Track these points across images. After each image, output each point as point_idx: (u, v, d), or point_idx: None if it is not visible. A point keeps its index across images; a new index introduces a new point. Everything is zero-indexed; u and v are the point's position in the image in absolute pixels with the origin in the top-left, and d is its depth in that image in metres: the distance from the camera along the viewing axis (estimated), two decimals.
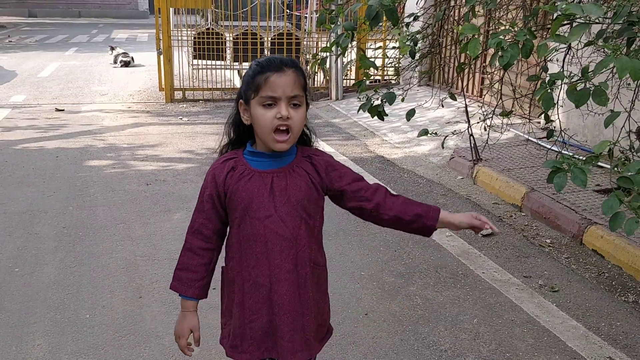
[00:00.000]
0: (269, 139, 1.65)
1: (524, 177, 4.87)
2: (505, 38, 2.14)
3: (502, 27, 2.21)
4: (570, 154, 4.87)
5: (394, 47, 3.56)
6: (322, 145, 6.07)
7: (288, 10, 10.15)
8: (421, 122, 7.14)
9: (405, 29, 2.98)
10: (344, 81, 9.34)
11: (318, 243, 1.81)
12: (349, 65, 9.65)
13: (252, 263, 1.72)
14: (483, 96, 7.66)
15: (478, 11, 2.73)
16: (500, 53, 2.11)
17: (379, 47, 9.04)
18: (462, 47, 2.24)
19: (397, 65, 5.80)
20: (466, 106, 5.34)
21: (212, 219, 1.77)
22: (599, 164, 5.10)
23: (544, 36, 2.60)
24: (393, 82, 9.44)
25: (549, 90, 2.15)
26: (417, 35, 2.83)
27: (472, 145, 5.30)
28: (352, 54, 8.48)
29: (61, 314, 3.07)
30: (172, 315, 3.06)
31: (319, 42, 9.52)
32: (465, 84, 7.68)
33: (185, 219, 4.27)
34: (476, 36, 2.18)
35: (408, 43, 2.58)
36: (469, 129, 5.20)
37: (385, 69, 9.18)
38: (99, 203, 4.60)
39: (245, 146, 1.76)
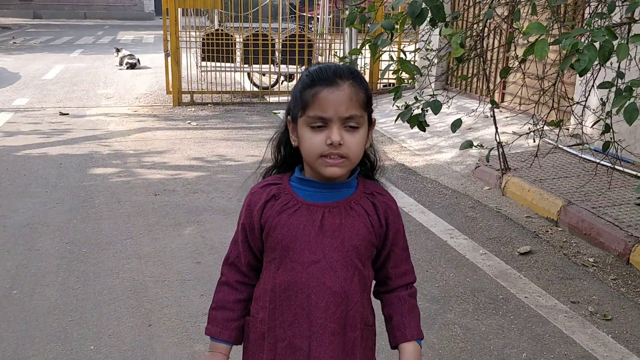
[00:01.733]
0: (317, 163, 1.32)
1: (559, 189, 4.54)
2: (581, 39, 1.82)
3: (575, 27, 1.92)
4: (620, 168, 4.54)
5: (428, 49, 3.24)
6: None
7: (299, 12, 9.86)
8: (440, 128, 6.83)
9: (445, 29, 2.67)
10: None
11: (369, 298, 1.48)
12: (363, 69, 9.35)
13: (290, 319, 1.38)
14: (504, 101, 7.34)
15: (543, 5, 2.41)
16: (575, 56, 1.79)
17: (415, 50, 8.72)
18: (527, 49, 1.93)
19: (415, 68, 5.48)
20: (494, 113, 5.02)
21: (245, 252, 1.46)
22: (638, 174, 4.78)
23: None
24: (407, 86, 9.12)
25: (632, 100, 1.83)
26: (465, 35, 2.52)
27: (500, 153, 4.98)
28: (365, 57, 8.18)
29: (63, 344, 2.76)
30: (185, 346, 2.75)
31: (332, 44, 9.21)
32: (486, 88, 7.35)
33: (196, 233, 3.98)
34: (544, 36, 1.87)
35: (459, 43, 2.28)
36: (497, 136, 4.88)
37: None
38: (104, 215, 4.29)
39: (293, 171, 1.44)
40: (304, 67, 8.41)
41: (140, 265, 3.54)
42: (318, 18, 10.16)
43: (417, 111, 2.61)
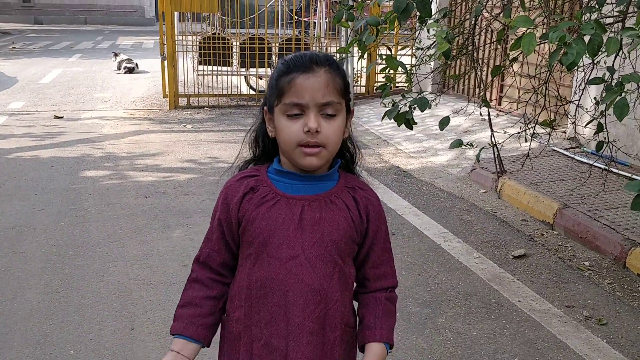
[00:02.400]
0: (295, 153, 1.28)
1: (555, 192, 4.47)
2: (569, 32, 1.76)
3: (560, 21, 1.86)
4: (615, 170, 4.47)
5: (419, 49, 3.18)
6: None
7: (296, 17, 9.83)
8: (436, 131, 6.76)
9: (431, 23, 2.61)
10: (355, 88, 9.00)
11: (351, 298, 1.41)
12: (359, 72, 9.31)
13: (266, 318, 1.32)
14: (502, 105, 7.29)
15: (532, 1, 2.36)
16: (563, 50, 1.72)
17: (406, 47, 8.68)
18: (514, 43, 1.87)
19: (410, 70, 5.41)
20: (489, 114, 4.95)
21: (221, 250, 1.39)
22: (635, 177, 4.70)
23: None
24: (405, 88, 9.06)
25: (623, 95, 1.76)
26: (453, 32, 2.45)
27: (496, 156, 4.91)
28: (362, 60, 8.14)
29: (42, 349, 2.69)
30: (167, 351, 2.67)
31: (329, 48, 9.17)
32: (483, 90, 7.30)
33: (185, 236, 3.91)
34: (531, 30, 1.81)
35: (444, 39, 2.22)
36: (492, 138, 4.81)
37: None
38: (92, 218, 4.23)
39: (270, 162, 1.39)
40: None
41: (126, 268, 3.47)
42: (315, 23, 10.13)
43: (405, 109, 2.55)
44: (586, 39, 1.78)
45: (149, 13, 33.42)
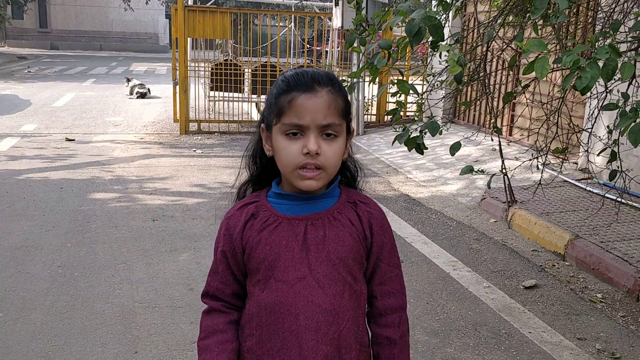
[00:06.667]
0: (293, 175, 1.24)
1: (566, 222, 4.41)
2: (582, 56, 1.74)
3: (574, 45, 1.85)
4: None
5: (430, 75, 3.18)
6: None
7: (308, 45, 9.94)
8: (446, 160, 6.75)
9: (444, 45, 2.60)
10: (365, 116, 9.03)
11: (364, 316, 1.36)
12: (370, 100, 9.36)
13: (278, 344, 1.26)
14: (512, 135, 7.27)
15: (545, 25, 2.35)
16: (576, 74, 1.70)
17: (417, 73, 8.71)
18: (527, 66, 1.85)
19: (421, 97, 5.41)
20: (500, 143, 4.93)
21: (229, 282, 1.34)
22: None
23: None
24: (416, 118, 9.07)
25: (638, 121, 1.73)
26: (465, 58, 2.45)
27: (507, 185, 4.86)
28: (373, 89, 8.16)
29: None
30: None
31: (340, 78, 9.24)
32: (493, 120, 7.28)
33: (191, 260, 3.88)
34: (545, 54, 1.79)
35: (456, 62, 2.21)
36: (503, 167, 4.78)
37: (411, 103, 8.85)
38: (99, 240, 4.21)
39: (269, 186, 1.35)
40: None
41: (132, 291, 3.43)
42: (327, 52, 10.24)
43: (415, 133, 2.54)
44: (600, 64, 1.76)
45: (163, 40, 33.95)
